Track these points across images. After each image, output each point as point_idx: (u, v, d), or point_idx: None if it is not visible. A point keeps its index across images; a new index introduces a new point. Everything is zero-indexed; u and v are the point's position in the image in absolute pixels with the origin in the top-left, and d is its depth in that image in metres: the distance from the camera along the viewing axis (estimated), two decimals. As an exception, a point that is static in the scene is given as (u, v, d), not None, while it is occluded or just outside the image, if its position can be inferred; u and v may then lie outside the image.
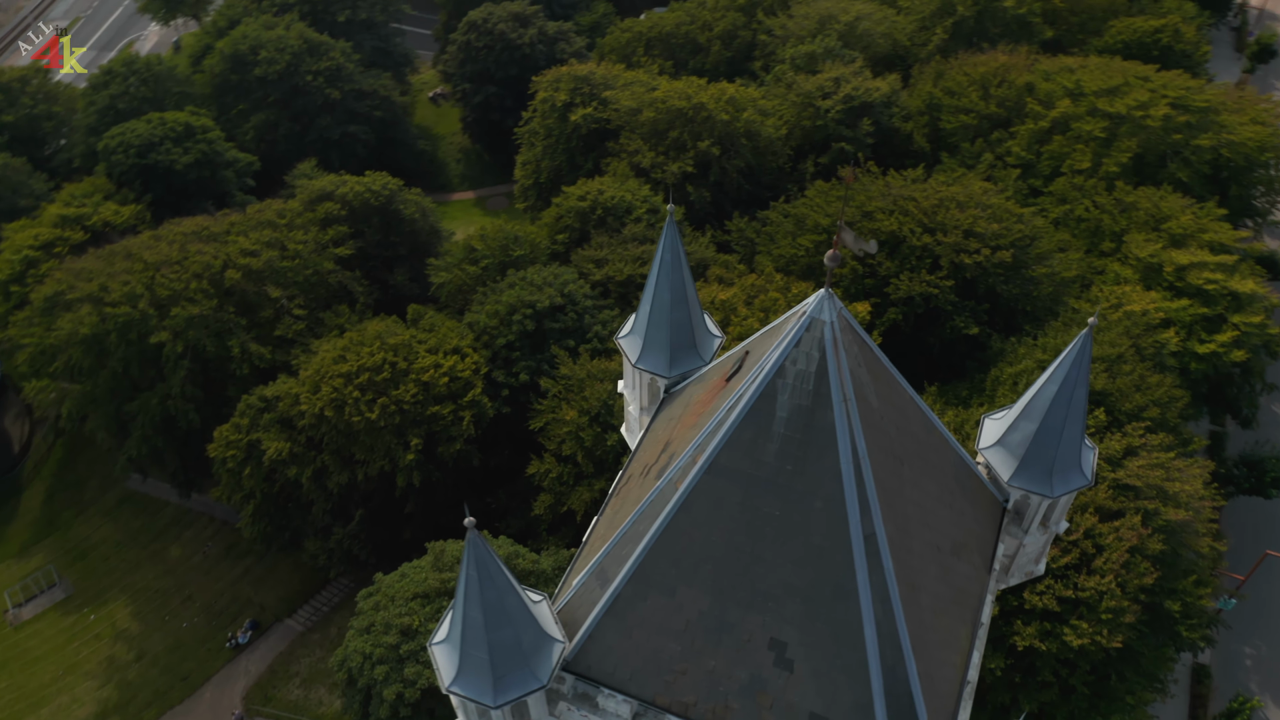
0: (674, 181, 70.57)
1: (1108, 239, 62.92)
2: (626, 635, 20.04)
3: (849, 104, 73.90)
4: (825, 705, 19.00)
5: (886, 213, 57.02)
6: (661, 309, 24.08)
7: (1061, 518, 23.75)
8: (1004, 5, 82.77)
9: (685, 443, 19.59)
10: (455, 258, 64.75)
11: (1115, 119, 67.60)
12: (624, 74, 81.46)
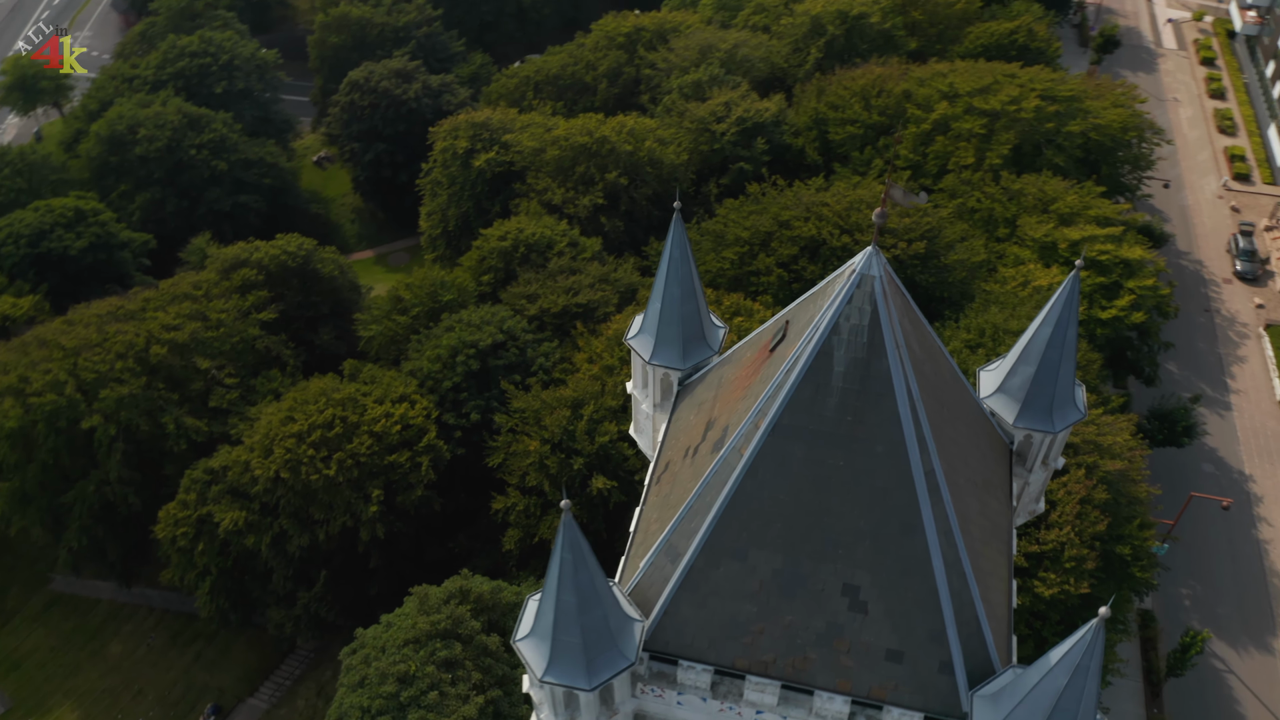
0: (587, 214, 72.15)
1: (1002, 225, 67.06)
2: (702, 605, 20.93)
3: (742, 125, 76.88)
4: (900, 640, 20.27)
5: (803, 219, 59.70)
6: (672, 304, 25.26)
7: (1059, 453, 25.74)
8: (870, 22, 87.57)
9: (737, 413, 20.73)
10: (382, 310, 64.61)
11: (991, 115, 72.26)
12: (520, 118, 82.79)
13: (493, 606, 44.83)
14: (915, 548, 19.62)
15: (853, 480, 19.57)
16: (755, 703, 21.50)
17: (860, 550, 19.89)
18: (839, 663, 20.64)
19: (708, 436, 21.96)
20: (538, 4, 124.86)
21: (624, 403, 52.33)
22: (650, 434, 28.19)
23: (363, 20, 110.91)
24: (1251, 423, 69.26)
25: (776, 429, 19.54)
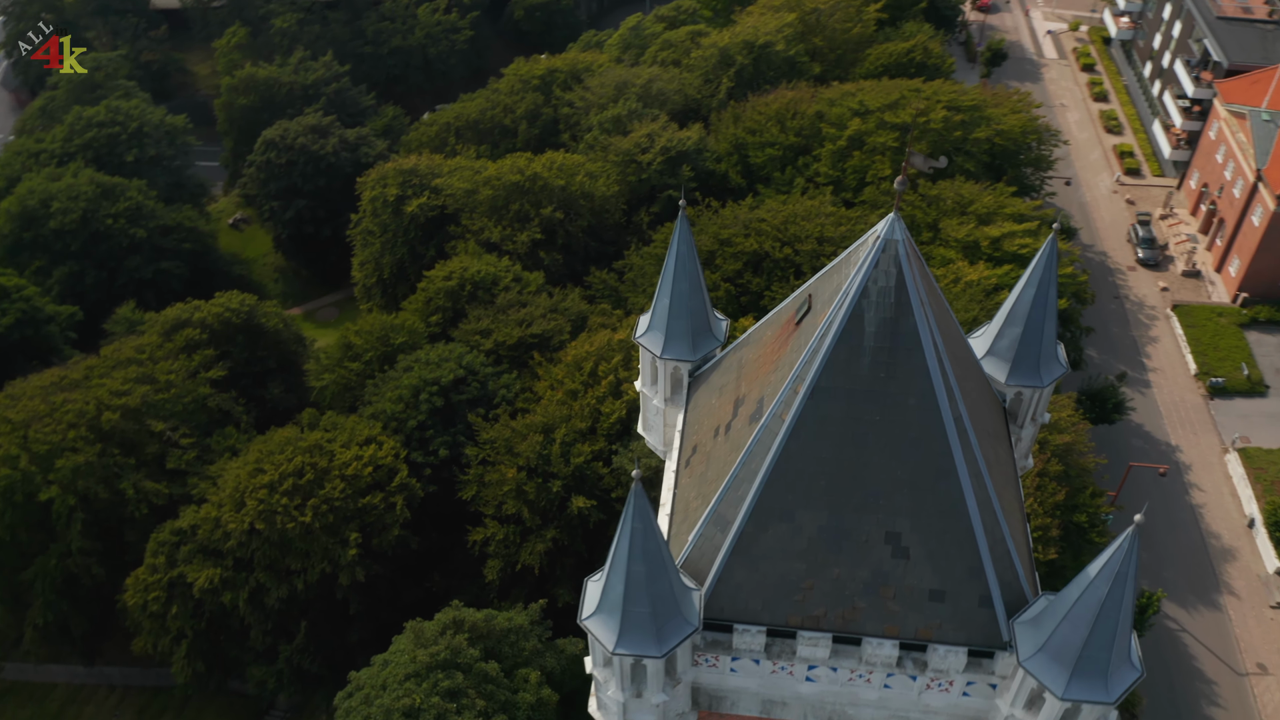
0: (526, 250, 73.26)
1: (924, 230, 70.42)
2: (754, 568, 22.13)
3: (667, 154, 79.24)
4: (941, 580, 21.77)
5: (744, 235, 61.94)
6: (681, 299, 26.66)
7: (1045, 409, 27.76)
8: (775, 50, 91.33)
9: (771, 384, 22.13)
10: (333, 359, 64.53)
11: (902, 128, 76.00)
12: (447, 163, 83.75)
13: (487, 634, 45.09)
14: (950, 491, 21.21)
15: (889, 433, 21.11)
16: (808, 658, 22.71)
17: (899, 499, 21.40)
18: (886, 609, 22.03)
19: (740, 412, 23.29)
20: (443, 55, 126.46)
21: (592, 424, 53.45)
22: (661, 430, 29.37)
23: (270, 80, 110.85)
24: (1171, 397, 73.63)
25: (816, 391, 21.00)
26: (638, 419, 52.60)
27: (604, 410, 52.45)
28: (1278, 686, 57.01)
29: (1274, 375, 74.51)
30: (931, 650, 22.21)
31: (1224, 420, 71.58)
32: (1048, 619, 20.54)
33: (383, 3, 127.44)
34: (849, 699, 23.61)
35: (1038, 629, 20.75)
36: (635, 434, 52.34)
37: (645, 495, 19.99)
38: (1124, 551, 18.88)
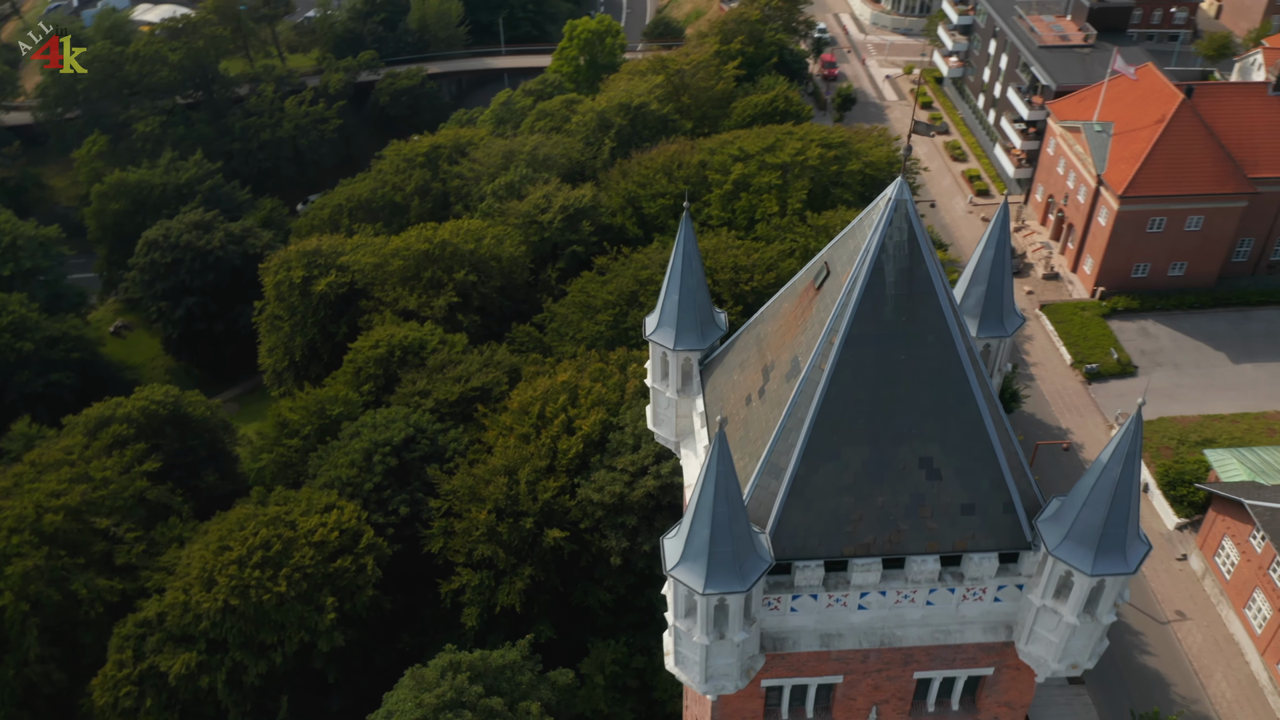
0: (444, 314, 74.81)
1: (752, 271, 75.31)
2: (808, 508, 24.78)
3: (566, 212, 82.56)
4: (970, 494, 24.92)
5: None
6: (690, 293, 29.49)
7: (1007, 359, 31.65)
8: (650, 110, 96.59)
9: (803, 343, 25.04)
10: (268, 438, 64.29)
11: (783, 167, 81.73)
12: (347, 242, 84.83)
13: (485, 672, 45.90)
14: (970, 414, 24.48)
15: (914, 369, 24.28)
16: (861, 584, 25.40)
17: (928, 426, 24.52)
18: (925, 527, 24.99)
19: (772, 375, 26.11)
20: (314, 145, 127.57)
21: (550, 462, 55.22)
22: (672, 422, 31.90)
23: (142, 183, 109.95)
24: (1055, 386, 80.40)
25: (849, 339, 24.02)
26: (595, 453, 54.88)
27: (560, 448, 54.37)
28: (1197, 629, 62.60)
29: (1140, 356, 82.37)
30: (966, 560, 25.25)
31: (1103, 400, 78.57)
32: (1068, 510, 23.89)
33: (247, 99, 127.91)
34: (896, 621, 26.37)
35: (1059, 522, 24.06)
36: (594, 466, 54.56)
37: (726, 439, 22.46)
38: (1130, 434, 22.45)
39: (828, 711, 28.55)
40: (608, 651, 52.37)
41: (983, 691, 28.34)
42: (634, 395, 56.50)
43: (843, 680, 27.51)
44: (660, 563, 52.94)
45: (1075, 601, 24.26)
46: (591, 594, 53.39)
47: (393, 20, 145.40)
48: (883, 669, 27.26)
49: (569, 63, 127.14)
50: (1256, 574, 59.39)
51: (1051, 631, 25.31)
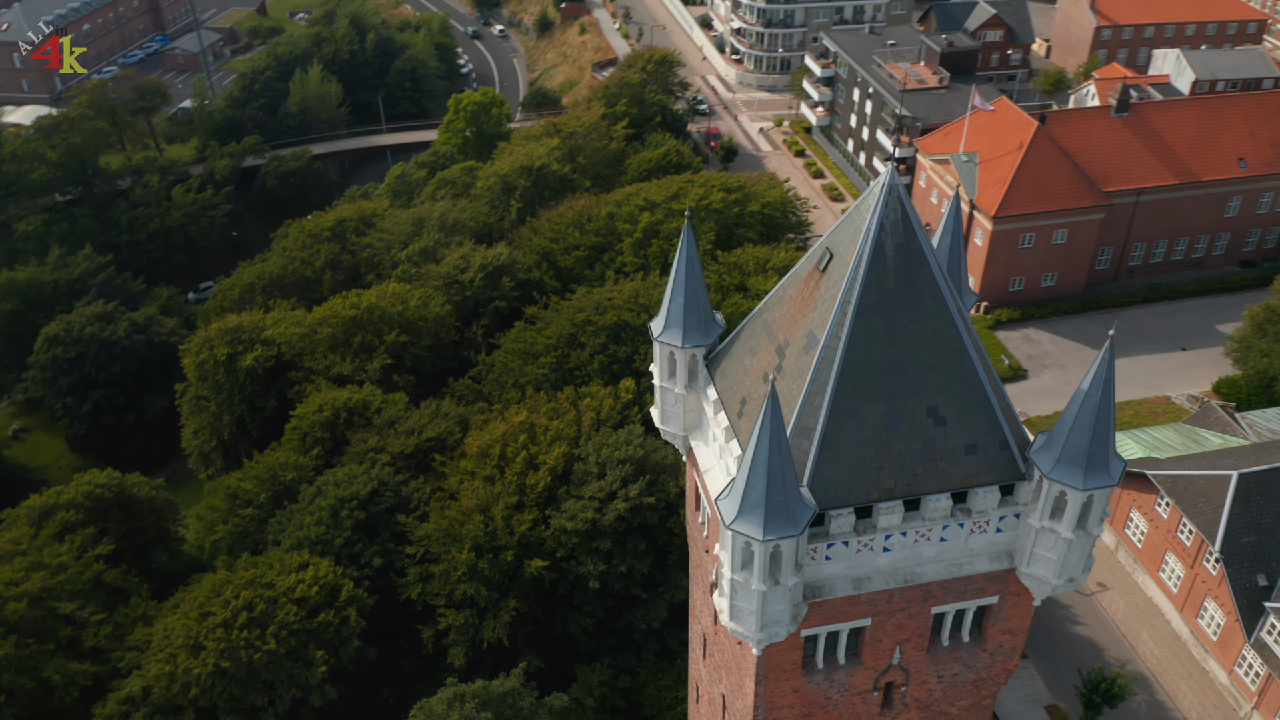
0: (379, 377, 75.92)
1: (734, 290, 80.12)
2: (837, 461, 28.01)
3: (485, 270, 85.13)
4: (972, 437, 28.62)
5: (600, 314, 68.54)
6: (694, 294, 32.64)
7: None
8: (551, 170, 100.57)
9: (816, 319, 28.49)
10: (219, 511, 63.98)
11: (690, 212, 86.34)
12: (267, 317, 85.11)
13: (489, 701, 47.10)
14: (966, 366, 28.27)
15: (915, 329, 27.95)
16: (885, 527, 28.67)
17: (932, 379, 28.17)
18: (937, 469, 28.54)
19: (788, 353, 29.43)
20: (204, 232, 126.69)
21: (518, 499, 57.08)
22: (680, 417, 34.76)
23: (32, 281, 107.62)
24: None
25: (860, 309, 27.55)
26: (561, 485, 57.06)
27: (528, 483, 56.36)
28: (1119, 597, 68.25)
29: (1028, 361, 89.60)
30: (973, 495, 28.87)
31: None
32: (1056, 437, 27.83)
33: (131, 191, 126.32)
34: (915, 560, 29.70)
35: (1050, 449, 27.96)
36: (562, 498, 56.73)
37: (778, 398, 25.56)
38: (1105, 362, 26.60)
39: (857, 656, 31.55)
40: (594, 675, 54.10)
41: (989, 621, 31.87)
42: (591, 427, 59.08)
43: (871, 623, 30.59)
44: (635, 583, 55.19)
45: (1070, 518, 28.13)
46: (573, 620, 55.17)
47: (272, 105, 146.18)
48: (905, 607, 30.48)
49: (457, 135, 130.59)
50: (1165, 538, 65.52)
51: (1050, 550, 29.07)
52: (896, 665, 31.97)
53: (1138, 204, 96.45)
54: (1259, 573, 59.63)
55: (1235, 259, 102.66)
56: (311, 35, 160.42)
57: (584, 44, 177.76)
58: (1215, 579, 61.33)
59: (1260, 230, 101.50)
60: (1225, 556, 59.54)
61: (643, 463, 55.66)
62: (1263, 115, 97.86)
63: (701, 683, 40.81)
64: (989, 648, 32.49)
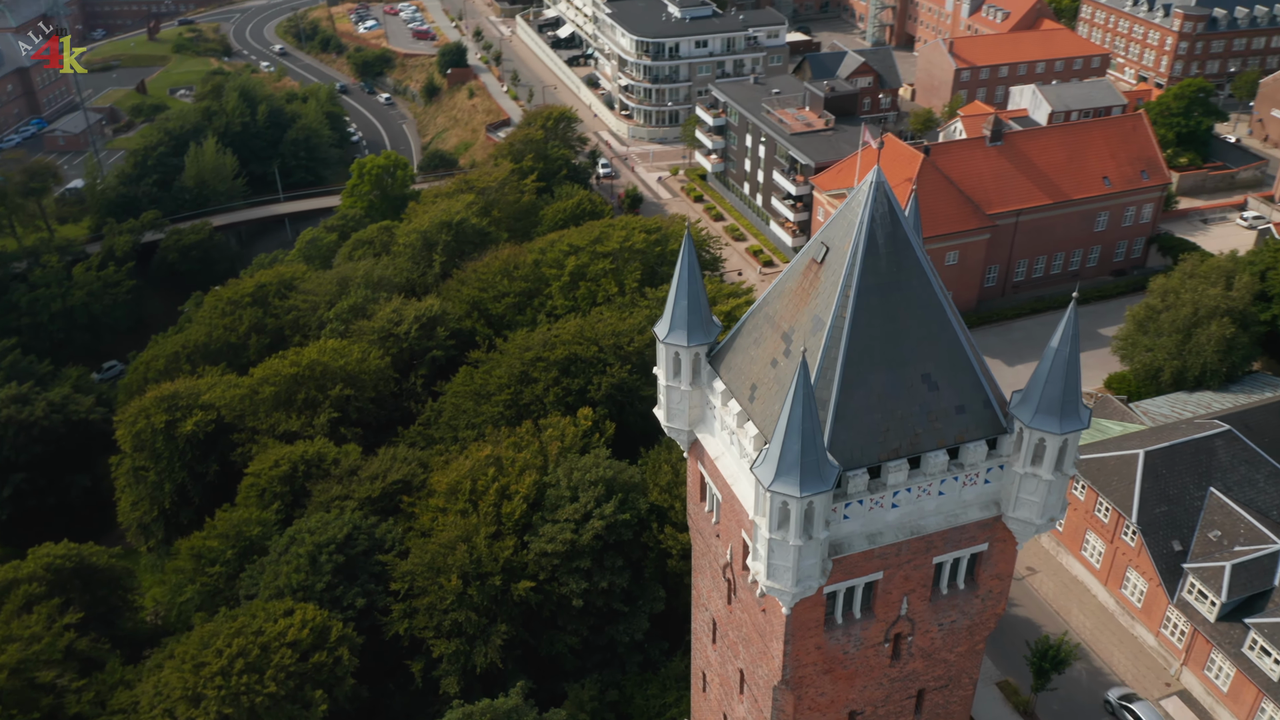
0: (326, 430, 76.65)
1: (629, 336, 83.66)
2: (849, 427, 31.61)
3: (420, 322, 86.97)
4: (960, 398, 32.66)
5: (550, 348, 71.28)
6: (695, 297, 36.07)
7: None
8: (470, 224, 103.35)
9: (819, 305, 32.18)
10: (187, 572, 63.62)
11: (614, 254, 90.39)
12: (201, 382, 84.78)
13: (496, 718, 48.58)
14: (950, 337, 32.38)
15: (907, 306, 31.93)
16: (893, 484, 32.30)
17: (924, 349, 32.14)
18: (934, 429, 32.44)
19: (794, 338, 33.04)
20: (108, 310, 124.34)
21: (496, 529, 58.92)
22: (686, 413, 37.97)
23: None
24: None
25: (860, 291, 31.39)
26: (535, 512, 59.19)
27: (504, 512, 58.35)
28: (1047, 578, 73.73)
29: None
30: (964, 450, 32.85)
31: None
32: (1032, 391, 32.11)
33: (30, 273, 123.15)
34: (919, 513, 33.42)
35: (1028, 402, 32.22)
36: (537, 524, 58.89)
37: (808, 367, 29.04)
38: (1071, 320, 31.06)
39: (870, 610, 34.96)
40: (584, 692, 55.99)
41: (980, 568, 35.78)
42: (558, 455, 61.54)
43: (882, 576, 34.11)
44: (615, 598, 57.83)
45: (1049, 461, 32.37)
46: (559, 640, 57.06)
47: (166, 180, 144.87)
48: (911, 559, 34.12)
49: (362, 198, 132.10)
50: (1084, 519, 71.44)
51: (1033, 494, 33.22)
52: (904, 616, 35.51)
53: (1018, 224, 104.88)
54: (1173, 539, 65.83)
55: (1107, 269, 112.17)
56: (201, 110, 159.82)
57: (474, 107, 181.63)
58: (1134, 549, 67.28)
59: (1127, 241, 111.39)
60: (1142, 527, 65.57)
61: (612, 483, 58.36)
62: (1120, 138, 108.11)
63: (711, 668, 43.50)
64: (981, 593, 36.40)
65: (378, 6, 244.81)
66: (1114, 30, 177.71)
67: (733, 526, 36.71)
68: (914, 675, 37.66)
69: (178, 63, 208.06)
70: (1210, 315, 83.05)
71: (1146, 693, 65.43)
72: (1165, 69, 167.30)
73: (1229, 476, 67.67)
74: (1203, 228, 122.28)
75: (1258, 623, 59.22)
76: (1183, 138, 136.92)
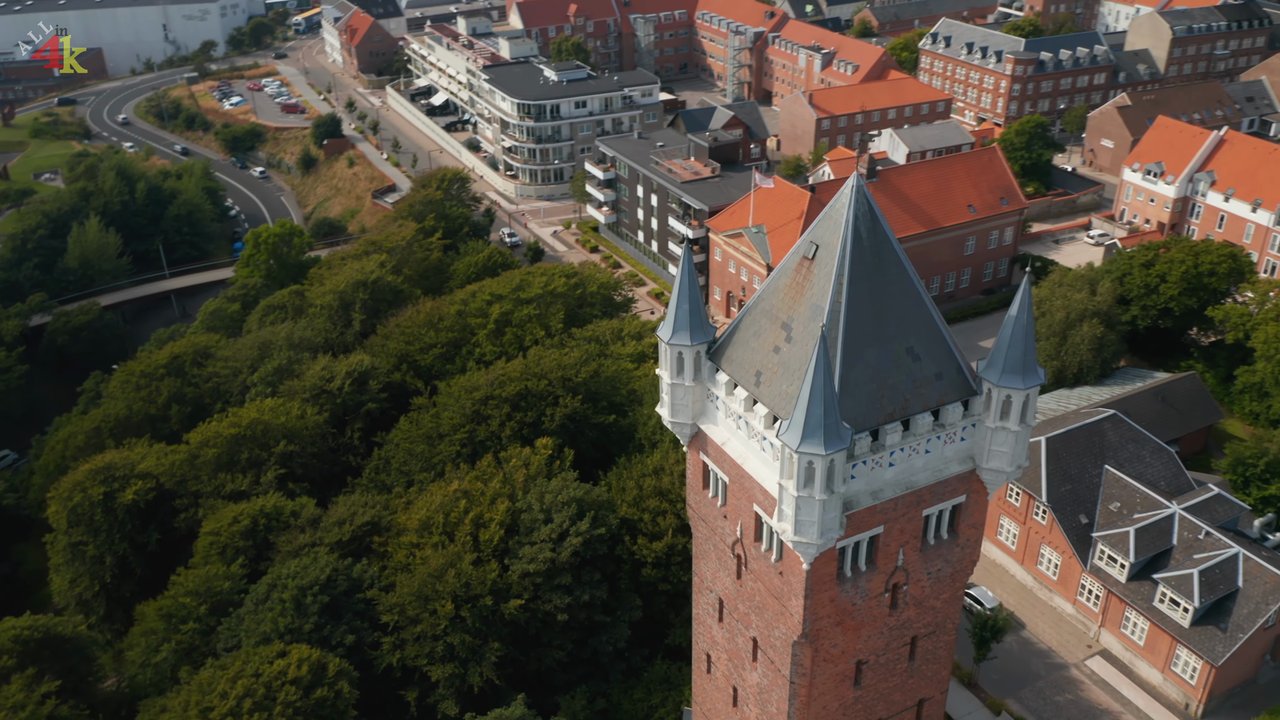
0: (274, 488, 77.15)
1: (599, 357, 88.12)
2: (851, 395, 36.42)
3: (352, 377, 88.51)
4: (938, 366, 38.04)
5: (501, 385, 74.29)
6: (695, 300, 40.63)
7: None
8: (385, 282, 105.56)
9: (816, 295, 37.09)
10: (159, 633, 63.33)
11: (537, 299, 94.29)
12: (134, 451, 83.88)
13: (507, 726, 50.88)
14: (925, 314, 37.75)
15: (889, 290, 37.13)
16: (890, 445, 37.24)
17: (905, 326, 37.37)
18: (919, 394, 37.65)
19: (795, 325, 37.82)
20: (1, 397, 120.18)
21: (476, 556, 61.28)
22: (689, 406, 42.19)
23: None
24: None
25: (851, 280, 36.44)
26: (511, 537, 61.93)
27: (483, 538, 60.87)
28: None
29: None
30: (944, 412, 38.14)
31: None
32: (996, 355, 37.77)
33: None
34: (911, 470, 38.45)
35: (994, 366, 37.84)
36: (514, 549, 61.64)
37: (826, 341, 33.78)
38: (1025, 292, 36.91)
39: (873, 562, 39.61)
40: (575, 703, 58.64)
41: (959, 518, 41.01)
42: (525, 482, 64.54)
43: (883, 530, 38.92)
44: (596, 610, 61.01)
45: (1015, 414, 38.00)
46: (547, 656, 59.61)
47: (48, 262, 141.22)
48: (905, 512, 39.06)
49: (260, 267, 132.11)
50: (997, 505, 78.48)
51: (1003, 445, 38.75)
52: (900, 567, 40.37)
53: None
54: (1080, 514, 73.36)
55: (978, 289, 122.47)
56: (78, 190, 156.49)
57: (355, 175, 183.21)
58: (1046, 527, 74.51)
59: (994, 263, 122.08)
60: (1052, 505, 72.87)
61: (583, 502, 61.73)
62: (980, 169, 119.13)
63: (717, 646, 47.23)
64: (961, 542, 41.63)
65: (240, 83, 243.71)
66: (952, 77, 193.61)
67: (742, 504, 40.94)
68: (908, 623, 42.45)
69: (37, 147, 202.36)
70: (1080, 318, 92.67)
71: (1070, 655, 72.22)
72: (1001, 109, 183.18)
73: (1119, 454, 75.95)
74: (1055, 247, 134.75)
75: (1165, 576, 66.79)
76: (1026, 169, 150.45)
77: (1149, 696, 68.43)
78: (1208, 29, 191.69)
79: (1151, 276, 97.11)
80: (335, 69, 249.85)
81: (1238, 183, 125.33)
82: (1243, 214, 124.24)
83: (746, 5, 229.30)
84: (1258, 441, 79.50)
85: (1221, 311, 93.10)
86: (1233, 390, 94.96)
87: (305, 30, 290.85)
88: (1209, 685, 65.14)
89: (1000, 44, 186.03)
